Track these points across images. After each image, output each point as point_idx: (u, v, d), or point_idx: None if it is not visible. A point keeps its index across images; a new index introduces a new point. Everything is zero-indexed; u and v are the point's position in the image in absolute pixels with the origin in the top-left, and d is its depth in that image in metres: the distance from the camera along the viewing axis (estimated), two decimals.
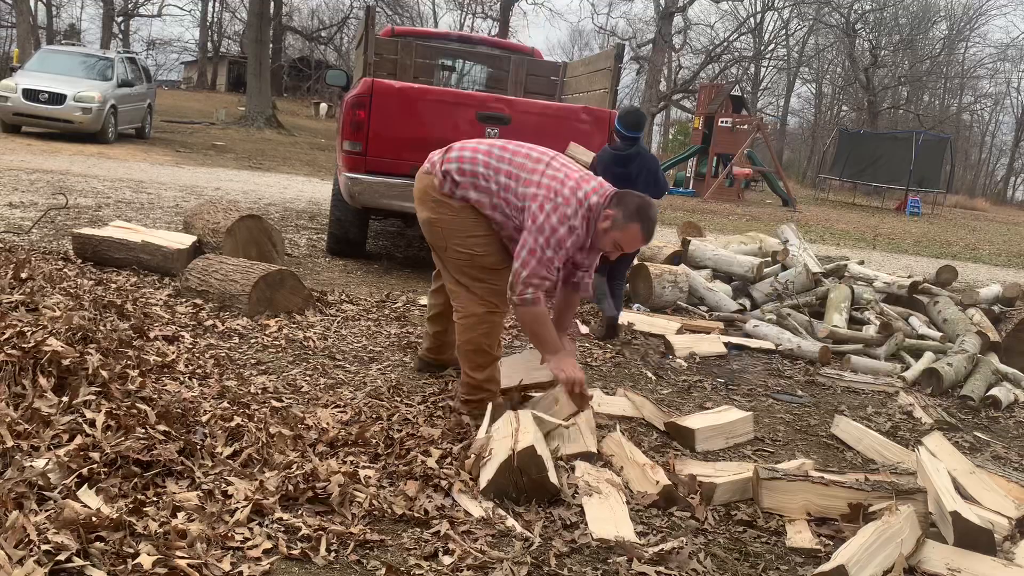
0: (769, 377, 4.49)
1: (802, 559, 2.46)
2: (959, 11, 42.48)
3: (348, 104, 5.77)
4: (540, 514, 2.51)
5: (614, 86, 6.10)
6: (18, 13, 26.24)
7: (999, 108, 47.97)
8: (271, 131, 21.60)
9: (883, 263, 9.91)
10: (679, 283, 5.78)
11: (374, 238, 7.49)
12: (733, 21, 37.32)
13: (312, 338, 4.08)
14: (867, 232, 14.63)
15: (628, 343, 4.83)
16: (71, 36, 39.04)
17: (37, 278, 4.15)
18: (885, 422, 3.86)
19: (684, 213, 13.90)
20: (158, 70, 40.91)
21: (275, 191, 10.67)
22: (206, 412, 2.82)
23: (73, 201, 7.52)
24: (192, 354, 3.57)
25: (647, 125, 7.73)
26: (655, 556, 2.31)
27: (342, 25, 37.50)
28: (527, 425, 2.74)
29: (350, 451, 2.76)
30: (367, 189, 5.66)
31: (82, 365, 2.76)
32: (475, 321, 3.13)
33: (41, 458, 2.28)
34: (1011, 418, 4.23)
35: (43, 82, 13.63)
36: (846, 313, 5.51)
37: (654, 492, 2.68)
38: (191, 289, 4.50)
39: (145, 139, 16.02)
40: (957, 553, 2.44)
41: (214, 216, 5.53)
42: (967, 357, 4.70)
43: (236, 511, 2.27)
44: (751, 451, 3.33)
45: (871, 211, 21.46)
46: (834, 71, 43.00)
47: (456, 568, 2.17)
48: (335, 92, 25.19)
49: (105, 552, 1.95)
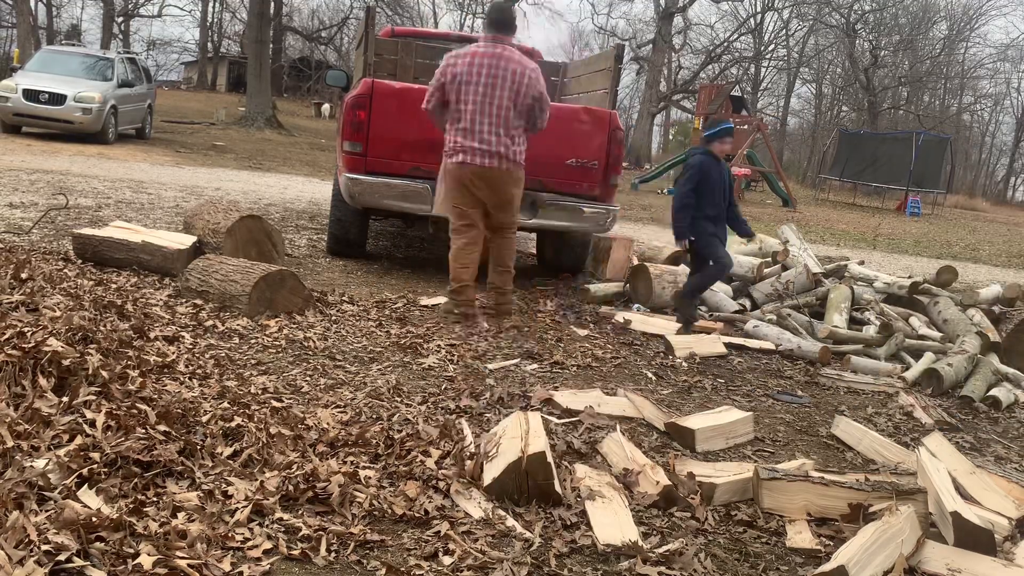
0: (769, 377, 4.49)
1: (802, 559, 2.46)
2: (959, 11, 42.57)
3: (348, 105, 5.77)
4: (540, 514, 2.51)
5: (614, 87, 6.10)
6: (18, 13, 26.26)
7: (999, 108, 48.06)
8: (271, 131, 21.61)
9: (883, 263, 9.91)
10: (679, 283, 5.77)
11: (374, 238, 7.49)
12: (733, 21, 37.39)
13: (312, 338, 4.08)
14: (867, 232, 14.63)
15: (628, 343, 4.83)
16: (72, 36, 39.03)
17: (37, 278, 4.15)
18: (885, 422, 3.86)
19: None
20: (158, 70, 40.92)
21: (275, 191, 10.67)
22: (206, 412, 2.82)
23: (73, 201, 7.52)
24: (192, 354, 3.57)
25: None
26: (659, 557, 2.31)
27: (342, 25, 37.53)
28: (537, 429, 2.74)
29: (350, 451, 2.76)
30: (367, 189, 5.66)
31: (82, 365, 2.77)
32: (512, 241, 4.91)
33: (41, 458, 2.28)
34: (1011, 418, 4.22)
35: (43, 82, 13.64)
36: (846, 313, 5.51)
37: (654, 492, 2.68)
38: (191, 289, 4.50)
39: (145, 139, 16.02)
40: (957, 553, 2.44)
41: (214, 216, 5.53)
42: (967, 357, 4.70)
43: (236, 511, 2.27)
44: (751, 451, 3.33)
45: (871, 211, 21.46)
46: (834, 71, 43.05)
47: (456, 568, 2.17)
48: (336, 92, 25.19)
49: (105, 552, 1.95)
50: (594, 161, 5.87)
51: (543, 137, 5.10)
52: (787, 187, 19.81)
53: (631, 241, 6.87)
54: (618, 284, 6.04)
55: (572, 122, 5.84)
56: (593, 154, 5.86)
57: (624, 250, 6.51)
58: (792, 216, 16.21)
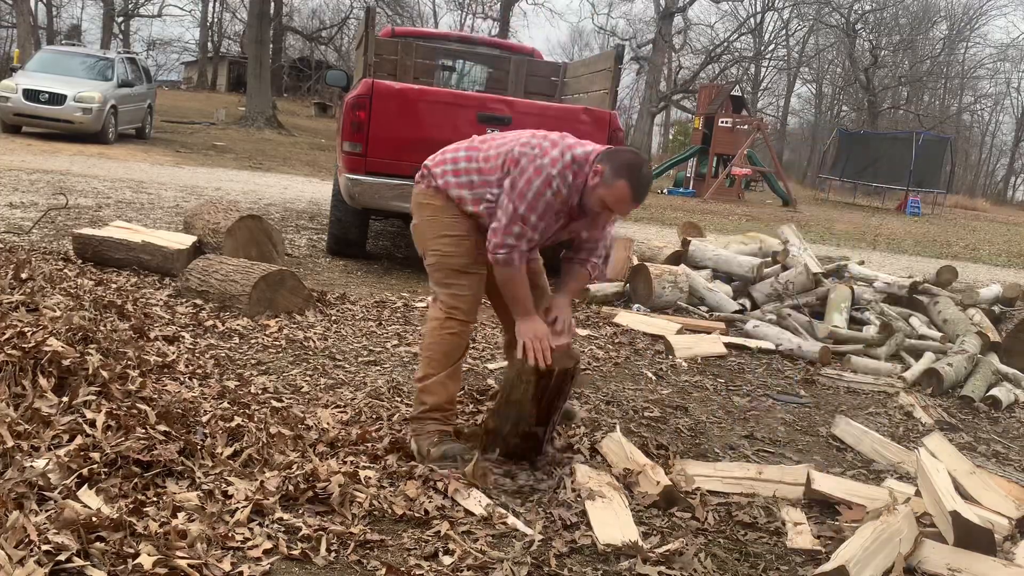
0: (769, 377, 4.49)
1: (802, 559, 2.46)
2: (959, 11, 42.52)
3: (348, 105, 5.77)
4: (540, 514, 2.51)
5: (614, 87, 6.10)
6: (18, 13, 26.23)
7: (999, 108, 48.00)
8: (271, 131, 21.60)
9: (883, 263, 9.91)
10: (679, 283, 5.77)
11: (374, 238, 7.49)
12: (733, 21, 37.33)
13: (312, 338, 4.08)
14: (867, 232, 14.63)
15: (628, 343, 4.83)
16: (72, 36, 39.01)
17: (37, 278, 4.15)
18: (885, 422, 3.86)
19: (684, 213, 13.91)
20: (158, 70, 40.93)
21: (275, 191, 10.67)
22: (206, 412, 2.82)
23: (73, 201, 7.52)
24: (192, 354, 3.57)
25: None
26: (659, 557, 2.31)
27: (342, 25, 37.48)
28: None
29: (350, 451, 2.76)
30: (367, 190, 5.66)
31: (82, 365, 2.77)
32: (435, 325, 2.89)
33: (41, 458, 2.28)
34: (1011, 418, 4.22)
35: (43, 82, 13.63)
36: (846, 313, 5.51)
37: (655, 492, 2.68)
38: (191, 289, 4.50)
39: (145, 139, 16.02)
40: (957, 553, 2.43)
41: (214, 216, 5.53)
42: (967, 357, 4.70)
43: (236, 511, 2.27)
44: (751, 451, 3.33)
45: (871, 211, 21.46)
46: (834, 71, 43.02)
47: (456, 568, 2.17)
48: (335, 92, 25.19)
49: (105, 552, 1.95)
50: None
51: None
52: (787, 187, 19.81)
53: (631, 241, 6.87)
54: (618, 284, 6.04)
55: (572, 122, 5.83)
56: None
57: (624, 250, 6.51)
58: (792, 216, 16.20)
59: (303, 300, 4.58)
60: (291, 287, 4.53)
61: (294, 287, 4.55)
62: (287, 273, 4.56)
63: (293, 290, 4.54)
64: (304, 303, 4.57)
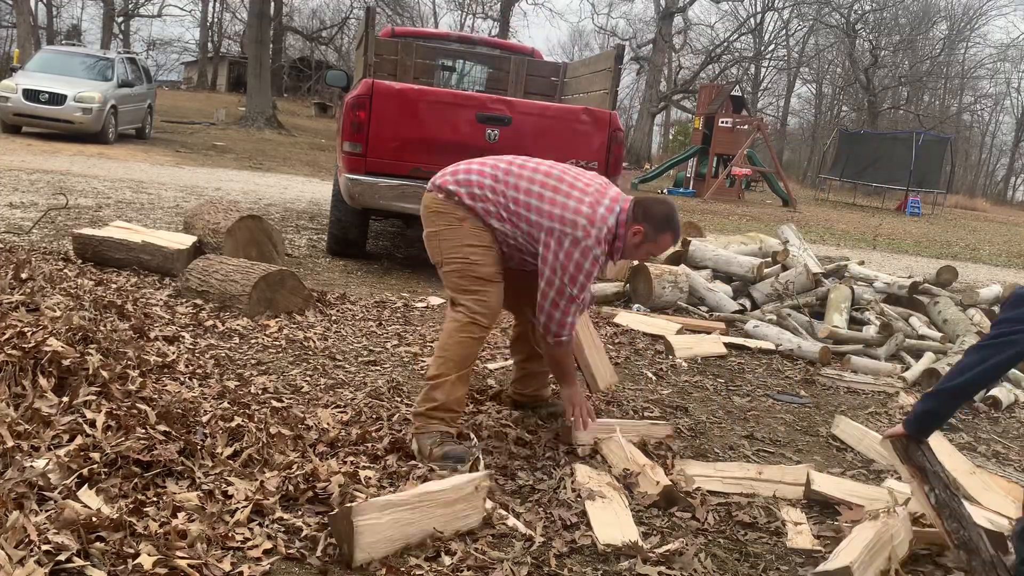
0: (769, 377, 4.49)
1: (802, 559, 2.47)
2: (959, 11, 42.53)
3: (348, 105, 5.77)
4: (541, 514, 2.51)
5: (614, 87, 6.10)
6: (18, 13, 26.23)
7: (999, 108, 48.02)
8: (271, 131, 21.59)
9: (883, 263, 9.91)
10: (679, 283, 5.77)
11: (374, 238, 7.49)
12: (733, 21, 37.37)
13: (312, 338, 4.08)
14: (867, 232, 14.63)
15: (628, 343, 4.83)
16: (72, 36, 39.02)
17: (37, 278, 4.15)
18: (885, 422, 3.86)
19: (684, 213, 13.85)
20: (158, 70, 40.92)
21: (275, 191, 10.67)
22: (206, 412, 2.82)
23: (73, 201, 7.52)
24: (192, 354, 3.57)
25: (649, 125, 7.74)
26: (659, 557, 2.31)
27: (342, 25, 37.50)
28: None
29: (350, 451, 2.76)
30: (367, 190, 5.66)
31: (82, 365, 2.77)
32: (456, 327, 2.90)
33: (41, 458, 2.28)
34: (1011, 418, 4.23)
35: (43, 82, 13.63)
36: (846, 313, 5.51)
37: (655, 492, 2.68)
38: (191, 289, 4.50)
39: (145, 139, 16.02)
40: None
41: (214, 216, 5.53)
42: None
43: (236, 511, 2.27)
44: (751, 451, 3.33)
45: (871, 211, 21.46)
46: (834, 71, 43.01)
47: (456, 568, 2.17)
48: (335, 92, 25.19)
49: (105, 552, 1.95)
50: (594, 162, 5.86)
51: (543, 138, 5.10)
52: (787, 187, 19.80)
53: None
54: (618, 284, 6.04)
55: (572, 123, 5.84)
56: (593, 155, 5.86)
57: None
58: (792, 216, 16.20)
59: (303, 300, 4.58)
60: (291, 287, 4.53)
61: (294, 287, 4.55)
62: (287, 273, 4.56)
63: (293, 290, 4.54)
64: (304, 303, 4.57)
